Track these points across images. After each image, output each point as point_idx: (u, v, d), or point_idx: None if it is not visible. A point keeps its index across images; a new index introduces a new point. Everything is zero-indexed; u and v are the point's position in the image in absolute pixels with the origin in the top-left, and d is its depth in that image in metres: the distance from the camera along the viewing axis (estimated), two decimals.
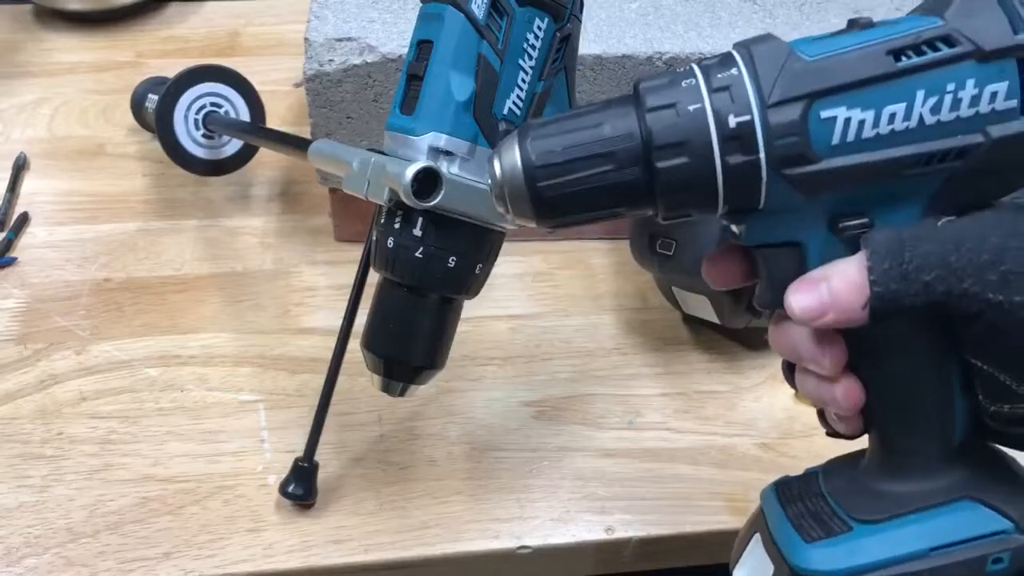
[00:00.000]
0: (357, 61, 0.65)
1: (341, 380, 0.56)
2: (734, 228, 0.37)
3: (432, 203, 0.46)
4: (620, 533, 0.56)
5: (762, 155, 0.32)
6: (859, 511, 0.37)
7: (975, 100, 0.31)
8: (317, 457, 0.56)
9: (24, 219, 0.76)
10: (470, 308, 0.52)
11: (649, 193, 0.34)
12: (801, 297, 0.35)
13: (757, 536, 0.40)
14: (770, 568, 0.38)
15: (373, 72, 0.66)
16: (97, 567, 0.53)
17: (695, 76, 0.33)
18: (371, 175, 0.48)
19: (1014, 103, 0.31)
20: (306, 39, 0.66)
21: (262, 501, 0.57)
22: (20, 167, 0.81)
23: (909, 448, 0.37)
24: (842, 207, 0.34)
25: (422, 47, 0.48)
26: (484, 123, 0.47)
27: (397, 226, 0.48)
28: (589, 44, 0.66)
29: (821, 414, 0.40)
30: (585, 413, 0.63)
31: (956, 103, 0.31)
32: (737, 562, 0.41)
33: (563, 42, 0.49)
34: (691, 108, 0.33)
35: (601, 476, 0.59)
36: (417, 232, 0.48)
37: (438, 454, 0.60)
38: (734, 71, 0.33)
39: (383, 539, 0.55)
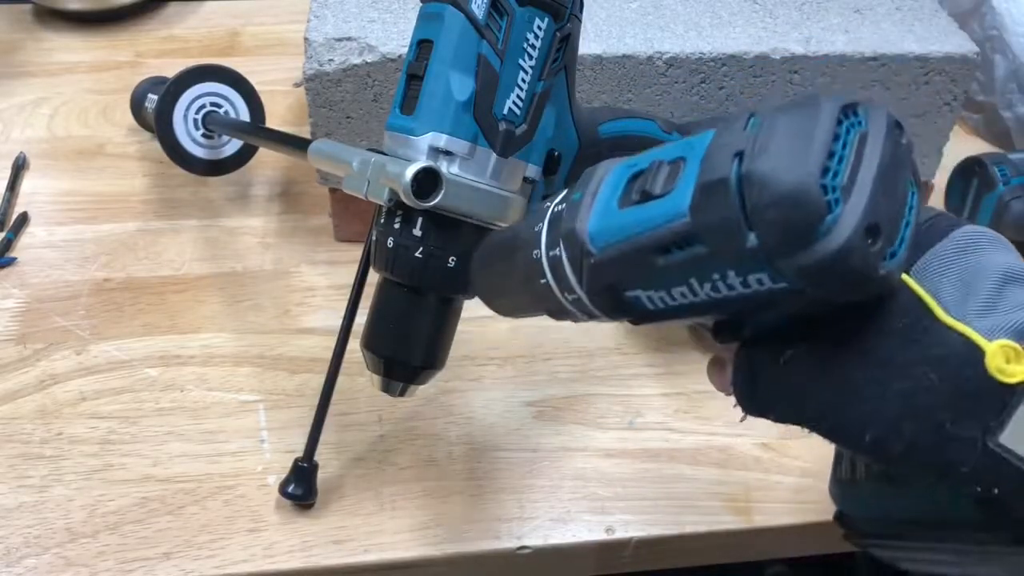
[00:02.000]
0: (357, 61, 0.65)
1: (341, 380, 0.56)
2: None
3: (432, 203, 0.46)
4: (620, 533, 0.56)
5: (579, 290, 0.35)
6: None
7: (744, 283, 0.30)
8: (317, 457, 0.56)
9: (24, 219, 0.76)
10: (470, 308, 0.52)
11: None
12: (710, 374, 0.41)
13: None
14: None
15: (373, 72, 0.66)
16: (97, 567, 0.53)
17: (539, 247, 0.36)
18: (371, 175, 0.48)
19: (782, 283, 0.30)
20: (306, 39, 0.66)
21: (262, 501, 0.57)
22: (20, 167, 0.81)
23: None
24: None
25: (422, 47, 0.48)
26: (484, 123, 0.47)
27: (397, 226, 0.48)
28: (589, 44, 0.66)
29: None
30: (585, 413, 0.63)
31: (729, 285, 0.30)
32: None
33: (563, 42, 0.49)
34: (541, 282, 0.36)
35: (601, 476, 0.59)
36: (417, 232, 0.48)
37: (438, 454, 0.60)
38: (557, 252, 0.35)
39: (383, 539, 0.55)
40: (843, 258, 0.28)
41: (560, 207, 0.36)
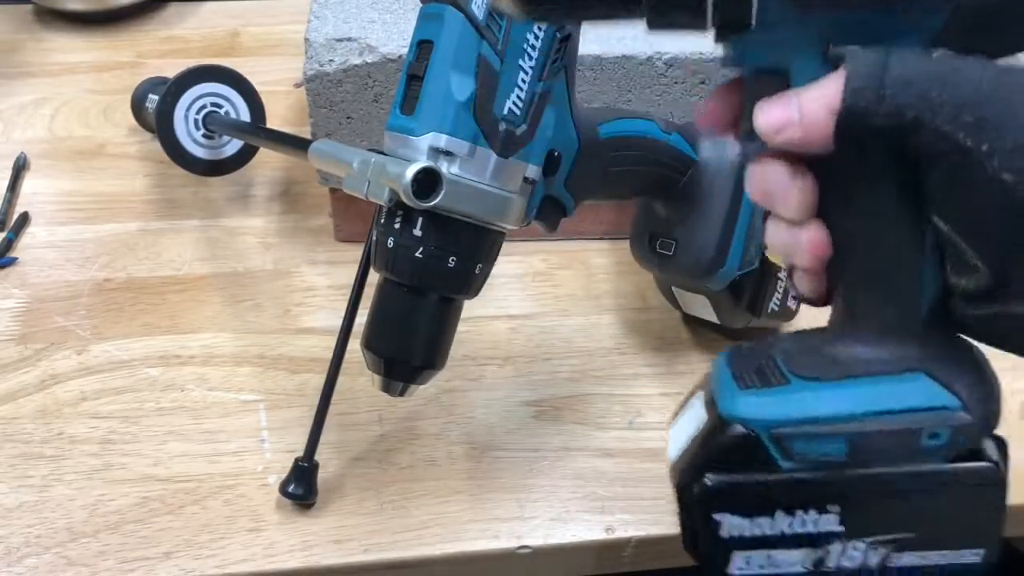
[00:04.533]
0: (357, 61, 0.65)
1: (341, 380, 0.56)
2: (723, 49, 0.35)
3: (432, 203, 0.46)
4: (620, 533, 0.56)
5: None
6: (802, 369, 0.35)
7: None
8: (317, 457, 0.56)
9: (24, 219, 0.76)
10: (470, 308, 0.52)
11: None
12: (769, 109, 0.34)
13: (699, 393, 0.38)
14: (704, 419, 0.37)
15: (373, 72, 0.66)
16: (97, 567, 0.53)
17: None
18: (371, 175, 0.48)
19: None
20: (306, 39, 0.66)
21: (262, 501, 0.57)
22: (20, 167, 0.81)
23: (868, 311, 0.35)
24: (836, 33, 0.32)
25: (422, 47, 0.48)
26: (484, 123, 0.47)
27: (397, 226, 0.48)
28: (589, 44, 0.66)
29: (791, 276, 0.39)
30: (585, 413, 0.63)
31: None
32: (674, 420, 0.39)
33: (563, 42, 0.49)
34: None
35: (601, 476, 0.59)
36: (417, 232, 0.48)
37: (438, 454, 0.60)
38: None
39: (383, 539, 0.55)
40: None
41: None
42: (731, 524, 0.35)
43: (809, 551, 0.36)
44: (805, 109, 0.33)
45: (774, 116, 0.34)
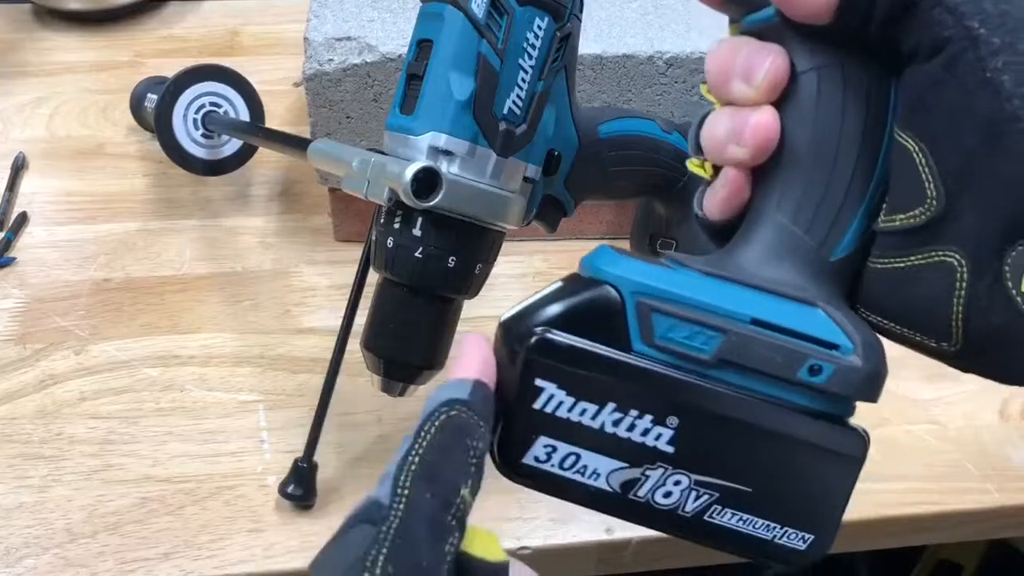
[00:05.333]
0: (357, 61, 0.65)
1: (341, 380, 0.56)
2: None
3: (432, 203, 0.46)
4: (620, 534, 0.56)
5: None
6: (693, 263, 0.32)
7: None
8: (317, 457, 0.56)
9: (23, 219, 0.76)
10: (470, 308, 0.52)
11: None
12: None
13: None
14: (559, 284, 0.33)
15: (373, 72, 0.66)
16: (96, 567, 0.53)
17: None
18: (371, 175, 0.48)
19: None
20: (305, 39, 0.66)
21: (262, 501, 0.57)
22: (19, 167, 0.81)
23: (781, 233, 0.32)
24: None
25: (422, 46, 0.47)
26: (484, 123, 0.47)
27: (397, 226, 0.48)
28: (589, 44, 0.66)
29: (708, 186, 0.35)
30: None
31: None
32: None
33: (563, 42, 0.49)
34: None
35: None
36: (417, 232, 0.47)
37: None
38: None
39: None
40: None
41: None
42: (551, 397, 0.31)
43: (623, 468, 0.31)
44: None
45: None
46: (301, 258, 0.74)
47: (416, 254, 0.48)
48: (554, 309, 0.31)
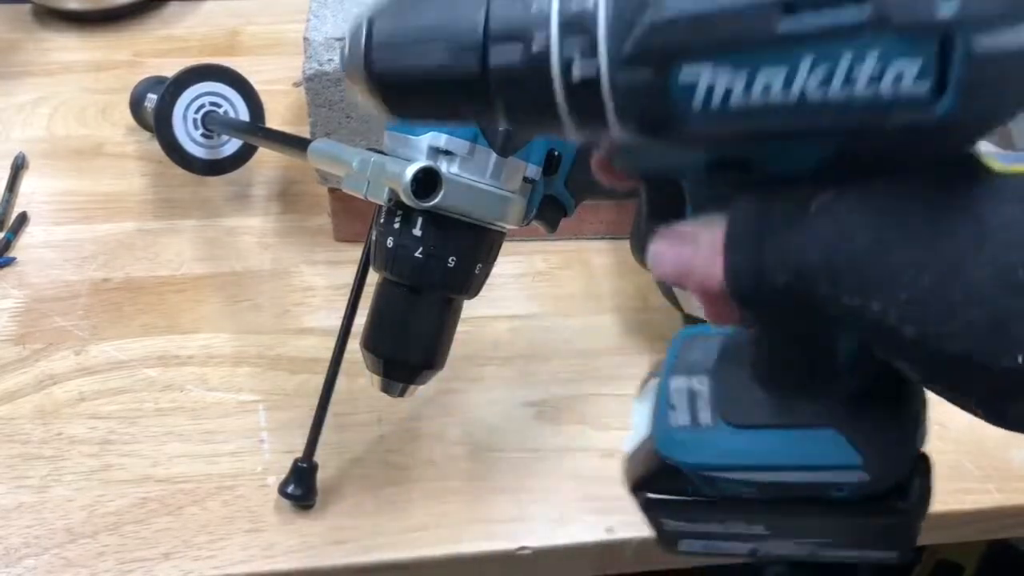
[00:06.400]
0: None
1: (341, 380, 0.56)
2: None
3: (432, 203, 0.46)
4: (620, 534, 0.56)
5: (609, 106, 0.26)
6: (727, 414, 0.37)
7: (876, 78, 0.23)
8: (317, 457, 0.56)
9: (23, 219, 0.76)
10: (470, 308, 0.52)
11: (486, 91, 0.28)
12: (662, 252, 0.29)
13: (654, 380, 0.40)
14: (646, 430, 0.39)
15: None
16: (96, 568, 0.53)
17: None
18: (371, 175, 0.48)
19: (924, 87, 0.23)
20: (305, 38, 0.66)
21: (262, 501, 0.57)
22: (19, 167, 0.81)
23: (789, 360, 0.34)
24: (716, 156, 0.28)
25: None
26: None
27: (397, 226, 0.48)
28: None
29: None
30: (585, 413, 0.63)
31: (850, 79, 0.23)
32: (639, 395, 0.41)
33: None
34: (537, 38, 0.26)
35: (601, 476, 0.59)
36: (417, 232, 0.47)
37: (438, 454, 0.60)
38: (589, 3, 0.26)
39: (383, 539, 0.55)
40: None
41: None
42: (674, 524, 0.39)
43: (745, 543, 0.39)
44: (700, 266, 0.28)
45: (668, 264, 0.29)
46: (301, 258, 0.74)
47: (416, 254, 0.48)
48: (645, 475, 0.39)
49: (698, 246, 0.28)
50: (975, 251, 0.24)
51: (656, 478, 0.39)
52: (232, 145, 0.76)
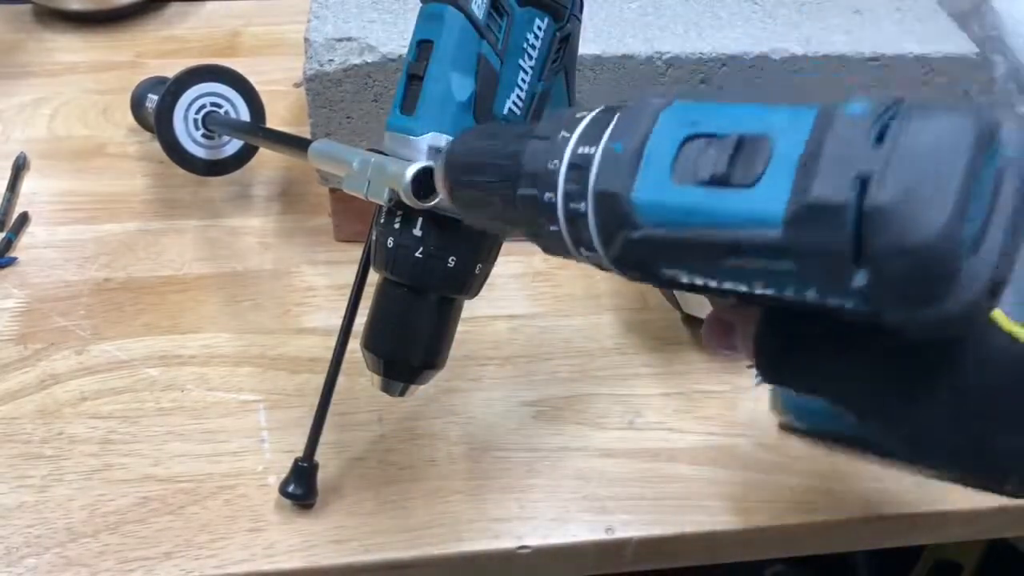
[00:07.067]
0: (357, 61, 0.65)
1: (341, 380, 0.56)
2: None
3: (432, 203, 0.46)
4: (620, 533, 0.56)
5: (601, 252, 0.32)
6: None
7: (821, 299, 0.26)
8: (317, 457, 0.56)
9: (24, 219, 0.76)
10: (470, 308, 0.52)
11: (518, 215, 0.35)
12: (714, 340, 0.39)
13: None
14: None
15: (373, 72, 0.66)
16: (97, 567, 0.53)
17: (555, 191, 0.33)
18: (371, 175, 0.48)
19: (864, 310, 0.26)
20: (306, 39, 0.66)
21: (262, 501, 0.57)
22: (20, 167, 0.81)
23: None
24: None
25: (422, 47, 0.48)
26: (484, 123, 0.47)
27: (397, 226, 0.48)
28: (589, 44, 0.66)
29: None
30: (585, 413, 0.63)
31: (801, 295, 0.27)
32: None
33: (563, 42, 0.49)
34: (550, 228, 0.33)
35: (601, 476, 0.59)
36: (417, 232, 0.48)
37: (438, 454, 0.60)
38: (581, 208, 0.31)
39: (383, 539, 0.55)
40: (963, 318, 0.24)
41: (588, 151, 0.31)
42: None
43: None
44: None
45: (720, 347, 0.39)
46: (301, 258, 0.74)
47: (416, 254, 0.48)
48: None
49: (738, 331, 0.36)
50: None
51: None
52: (233, 145, 0.76)
